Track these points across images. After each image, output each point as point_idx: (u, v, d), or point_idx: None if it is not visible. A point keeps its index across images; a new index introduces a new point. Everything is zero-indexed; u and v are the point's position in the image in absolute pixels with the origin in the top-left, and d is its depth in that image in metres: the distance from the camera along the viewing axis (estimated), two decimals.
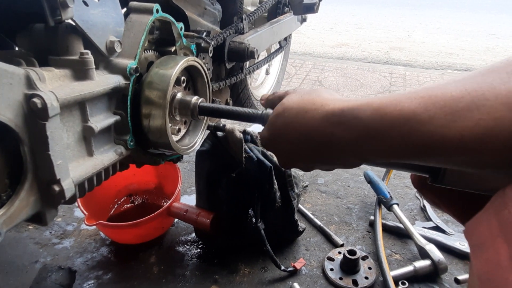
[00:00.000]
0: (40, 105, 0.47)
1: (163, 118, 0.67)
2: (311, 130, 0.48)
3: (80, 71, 0.57)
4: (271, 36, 1.39)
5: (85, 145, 0.59)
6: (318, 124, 0.47)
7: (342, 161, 0.49)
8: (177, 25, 0.77)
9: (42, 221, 0.53)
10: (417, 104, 0.39)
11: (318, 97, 0.50)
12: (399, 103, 0.40)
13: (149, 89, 0.67)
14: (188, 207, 1.09)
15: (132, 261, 1.09)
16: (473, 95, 0.35)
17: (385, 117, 0.41)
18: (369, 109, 0.42)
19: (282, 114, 0.53)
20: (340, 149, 0.46)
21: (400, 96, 0.41)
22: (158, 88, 0.67)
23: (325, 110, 0.47)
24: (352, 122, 0.44)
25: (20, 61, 0.52)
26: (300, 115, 0.50)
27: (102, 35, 0.60)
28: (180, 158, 0.91)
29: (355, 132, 0.43)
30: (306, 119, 0.49)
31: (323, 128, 0.47)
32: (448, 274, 1.01)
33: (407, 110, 0.39)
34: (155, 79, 0.67)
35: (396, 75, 2.87)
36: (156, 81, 0.67)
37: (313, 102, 0.49)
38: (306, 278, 1.03)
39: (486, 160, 0.35)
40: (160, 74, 0.68)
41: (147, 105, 0.67)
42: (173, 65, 0.69)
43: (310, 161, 0.52)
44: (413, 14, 6.21)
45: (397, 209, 1.17)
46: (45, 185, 0.51)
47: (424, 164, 0.43)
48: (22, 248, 1.14)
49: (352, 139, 0.44)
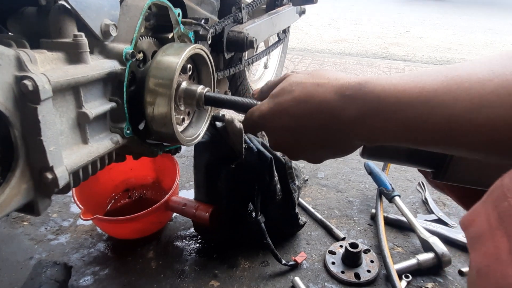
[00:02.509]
0: (31, 88, 0.45)
1: (168, 105, 0.64)
2: (322, 103, 0.45)
3: (74, 54, 0.54)
4: (270, 27, 1.37)
5: (79, 132, 0.57)
6: (331, 97, 0.44)
7: (346, 141, 0.46)
8: (175, 10, 0.74)
9: (34, 211, 0.51)
10: (439, 83, 0.36)
11: (330, 72, 0.47)
12: (420, 81, 0.37)
13: (154, 76, 0.65)
14: (186, 200, 1.07)
15: (129, 256, 1.07)
16: (501, 78, 0.33)
17: (403, 94, 0.38)
18: (387, 84, 0.40)
19: (288, 88, 0.49)
20: (349, 126, 0.43)
21: (422, 73, 0.38)
22: (164, 76, 0.64)
23: (339, 83, 0.44)
24: (366, 96, 0.41)
25: (11, 42, 0.49)
26: (312, 88, 0.46)
27: (96, 18, 0.58)
28: (179, 150, 0.88)
29: (368, 107, 0.41)
30: (318, 92, 0.45)
31: (336, 101, 0.43)
32: (452, 266, 1.00)
33: (429, 89, 0.36)
34: (161, 65, 0.65)
35: (395, 69, 2.86)
36: (162, 68, 0.65)
37: (325, 77, 0.46)
38: (308, 272, 1.01)
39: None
40: (166, 61, 0.65)
41: (152, 93, 0.64)
42: (180, 52, 0.66)
43: (312, 140, 0.48)
44: (411, 9, 6.20)
45: (399, 201, 1.15)
46: (37, 173, 0.49)
47: (437, 150, 0.40)
48: (16, 245, 1.12)
49: (364, 115, 0.41)
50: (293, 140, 0.50)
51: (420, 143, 0.39)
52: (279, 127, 0.50)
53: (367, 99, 0.41)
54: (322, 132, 0.46)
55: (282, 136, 0.51)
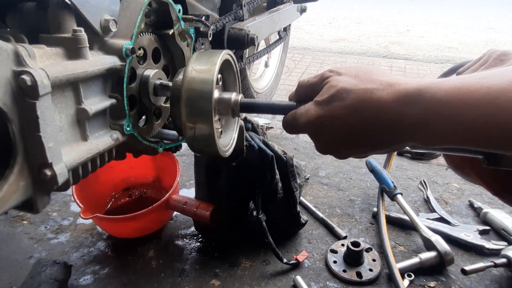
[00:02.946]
0: (29, 83, 0.44)
1: (211, 127, 0.59)
2: (379, 111, 0.44)
3: (73, 49, 0.53)
4: (271, 25, 1.36)
5: (79, 129, 0.56)
6: (388, 105, 0.43)
7: (401, 144, 0.46)
8: (175, 7, 0.73)
9: (33, 208, 0.50)
10: (508, 81, 0.35)
11: (379, 74, 0.47)
12: (486, 82, 0.37)
13: (190, 98, 0.59)
14: (187, 199, 1.06)
15: (130, 255, 1.06)
16: None
17: (469, 95, 0.38)
18: (449, 88, 0.39)
19: (338, 95, 0.47)
20: (408, 131, 0.43)
21: (487, 74, 0.38)
22: (201, 96, 0.58)
23: (396, 90, 0.44)
24: (427, 102, 0.41)
25: (9, 37, 0.49)
26: (365, 95, 0.45)
27: (96, 13, 0.57)
28: (179, 148, 0.88)
29: (430, 111, 0.40)
30: (373, 99, 0.45)
31: (394, 108, 0.43)
32: (454, 265, 0.99)
33: (496, 88, 0.36)
34: (195, 85, 0.59)
35: (396, 68, 2.85)
36: (197, 88, 0.59)
37: (377, 81, 0.45)
38: (309, 271, 1.00)
39: None
40: (199, 79, 0.59)
41: (190, 116, 0.59)
42: (211, 65, 0.60)
43: (365, 144, 0.48)
44: (412, 9, 6.19)
45: (401, 199, 1.14)
46: (36, 169, 0.48)
47: (500, 149, 0.39)
48: (16, 244, 1.11)
49: (425, 120, 0.41)
50: (345, 145, 0.50)
51: (482, 143, 0.39)
52: (331, 135, 0.49)
53: (428, 104, 0.41)
54: (377, 138, 0.46)
55: (333, 143, 0.50)
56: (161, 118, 0.79)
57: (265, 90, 1.97)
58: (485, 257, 1.03)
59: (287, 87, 2.45)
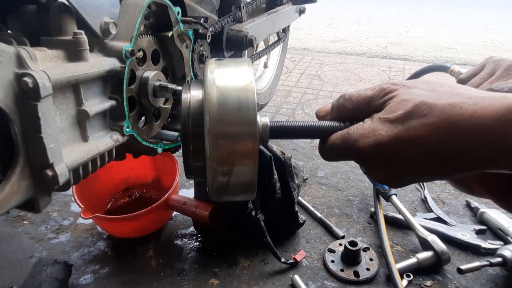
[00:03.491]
0: (31, 85, 0.45)
1: (254, 168, 0.43)
2: (472, 130, 0.37)
3: (74, 51, 0.54)
4: (269, 26, 1.37)
5: (79, 130, 0.57)
6: (486, 122, 0.36)
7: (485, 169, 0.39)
8: (174, 9, 0.75)
9: (34, 208, 0.51)
10: None
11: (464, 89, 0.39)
12: None
13: (223, 130, 0.41)
14: (186, 199, 1.07)
15: (129, 255, 1.07)
16: None
17: None
18: None
19: (418, 111, 0.39)
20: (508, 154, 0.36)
21: None
22: (241, 124, 0.41)
23: (498, 104, 0.36)
24: None
25: (11, 40, 0.50)
26: (453, 111, 0.37)
27: (96, 16, 0.58)
28: (178, 148, 0.89)
29: None
30: (464, 117, 0.37)
31: (495, 126, 0.36)
32: (451, 264, 1.00)
33: None
34: (230, 116, 0.41)
35: (395, 69, 2.86)
36: (235, 116, 0.41)
37: (465, 96, 0.38)
38: (307, 270, 1.01)
39: None
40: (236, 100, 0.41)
41: (228, 158, 0.42)
42: (246, 80, 0.43)
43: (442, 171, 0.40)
44: (411, 9, 6.20)
45: (396, 200, 1.15)
46: (37, 170, 0.49)
47: None
48: (17, 243, 1.12)
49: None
50: (417, 172, 0.41)
51: None
52: (407, 160, 0.40)
53: None
54: (461, 163, 0.39)
55: (405, 169, 0.41)
56: (160, 119, 0.80)
57: (264, 91, 1.97)
58: (481, 256, 1.04)
59: (287, 88, 2.46)
